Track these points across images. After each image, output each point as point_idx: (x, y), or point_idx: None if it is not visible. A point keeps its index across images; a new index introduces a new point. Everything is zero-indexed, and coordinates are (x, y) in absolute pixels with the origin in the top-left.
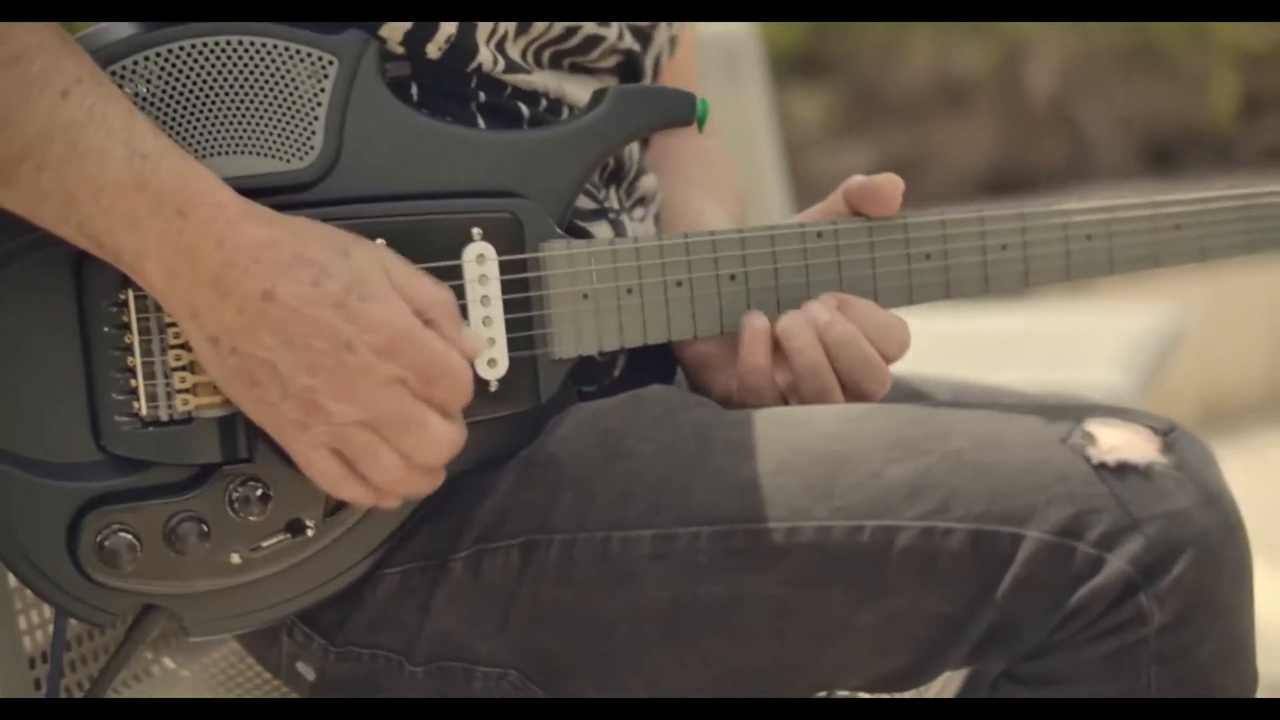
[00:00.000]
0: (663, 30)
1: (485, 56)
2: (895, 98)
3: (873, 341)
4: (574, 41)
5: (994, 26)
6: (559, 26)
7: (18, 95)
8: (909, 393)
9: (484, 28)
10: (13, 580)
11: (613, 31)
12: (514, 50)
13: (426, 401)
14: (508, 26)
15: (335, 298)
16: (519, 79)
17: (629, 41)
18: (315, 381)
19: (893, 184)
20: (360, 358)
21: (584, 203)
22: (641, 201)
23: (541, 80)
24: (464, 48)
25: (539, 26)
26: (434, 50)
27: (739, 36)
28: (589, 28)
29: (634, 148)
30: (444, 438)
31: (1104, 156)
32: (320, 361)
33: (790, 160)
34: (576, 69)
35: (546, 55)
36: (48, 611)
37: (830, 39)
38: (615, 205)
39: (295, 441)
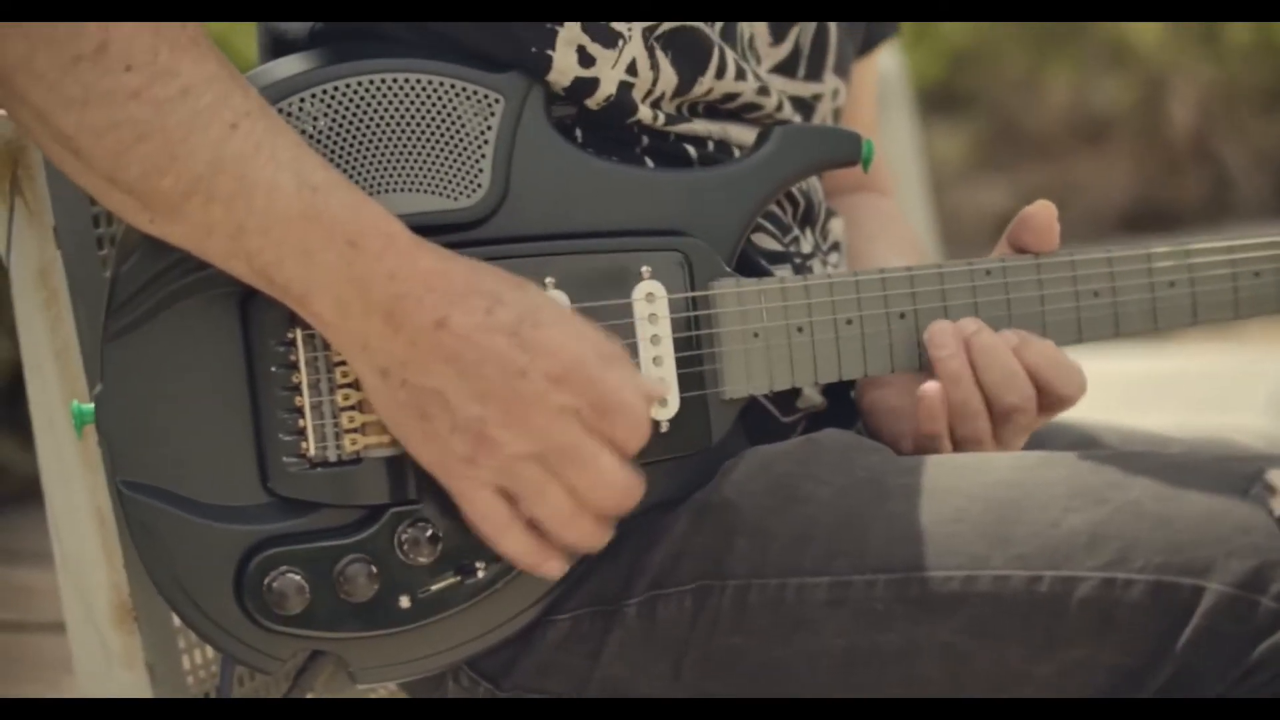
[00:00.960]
0: (826, 102)
1: (645, 113)
2: (1035, 133)
3: (1046, 375)
4: (730, 106)
5: (1134, 60)
6: (717, 93)
7: (187, 128)
8: (1078, 437)
9: (640, 88)
10: (176, 621)
11: (771, 101)
12: (670, 108)
13: (599, 435)
14: (665, 88)
15: (508, 326)
16: (681, 128)
17: (788, 112)
18: (486, 410)
19: (1045, 210)
20: (533, 385)
21: (769, 244)
22: (836, 247)
23: (704, 127)
24: (623, 105)
25: (696, 91)
26: (593, 104)
27: (885, 70)
28: (746, 95)
29: (818, 190)
30: (615, 477)
31: (1246, 193)
32: (491, 389)
33: (931, 196)
34: (737, 118)
35: (702, 109)
36: (210, 652)
37: (969, 73)
38: (809, 249)
39: (461, 479)
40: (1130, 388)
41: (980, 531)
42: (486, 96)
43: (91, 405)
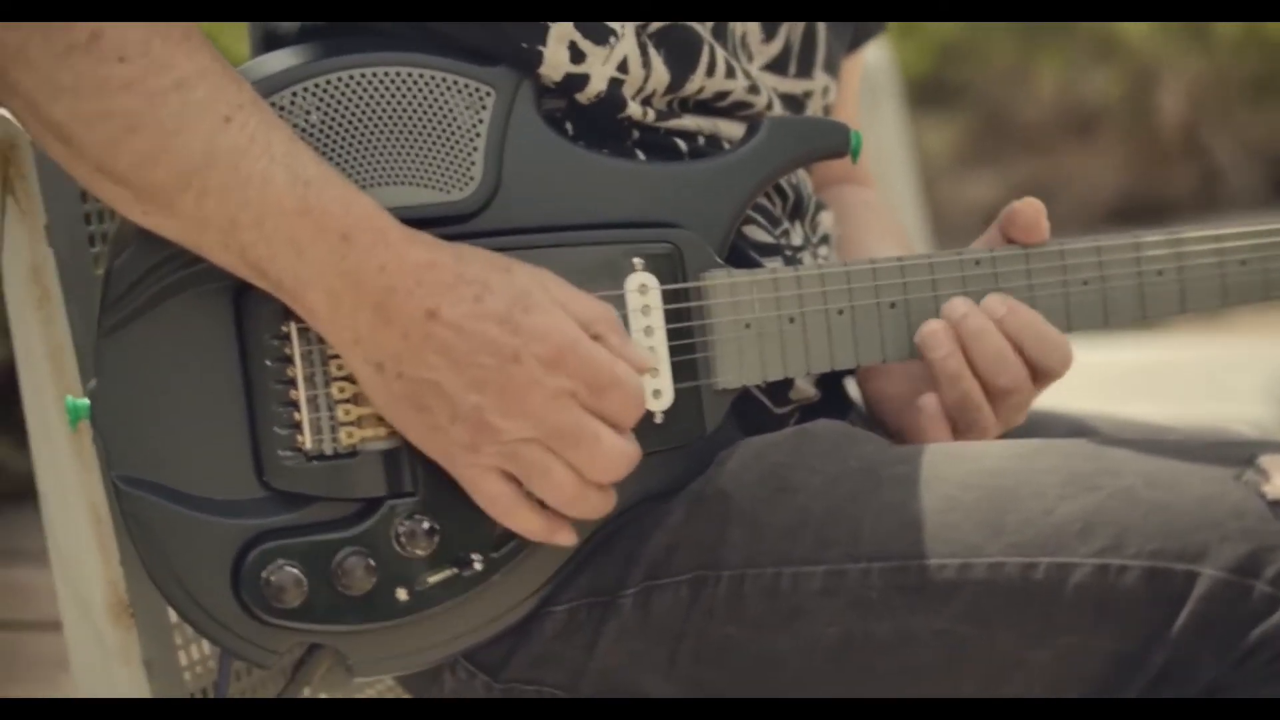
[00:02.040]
0: (816, 99)
1: (634, 110)
2: (1024, 126)
3: (1031, 349)
4: (721, 104)
5: (1123, 53)
6: (708, 91)
7: (179, 120)
8: (1072, 427)
9: (632, 85)
10: (173, 616)
11: (761, 99)
12: (661, 104)
13: (596, 414)
14: (656, 85)
15: (498, 313)
16: (671, 124)
17: (778, 110)
18: (483, 399)
19: (1031, 206)
20: (527, 369)
21: (760, 236)
22: (826, 240)
23: (694, 122)
24: (613, 101)
25: (688, 88)
26: (584, 100)
27: (874, 63)
28: (737, 93)
29: (808, 183)
30: (617, 451)
31: (1234, 185)
32: (487, 377)
33: (920, 189)
34: (728, 115)
35: (693, 105)
36: (207, 648)
37: (958, 66)
38: (800, 241)
39: (466, 466)
40: (1122, 379)
41: (974, 520)
42: (478, 89)
43: (86, 400)
